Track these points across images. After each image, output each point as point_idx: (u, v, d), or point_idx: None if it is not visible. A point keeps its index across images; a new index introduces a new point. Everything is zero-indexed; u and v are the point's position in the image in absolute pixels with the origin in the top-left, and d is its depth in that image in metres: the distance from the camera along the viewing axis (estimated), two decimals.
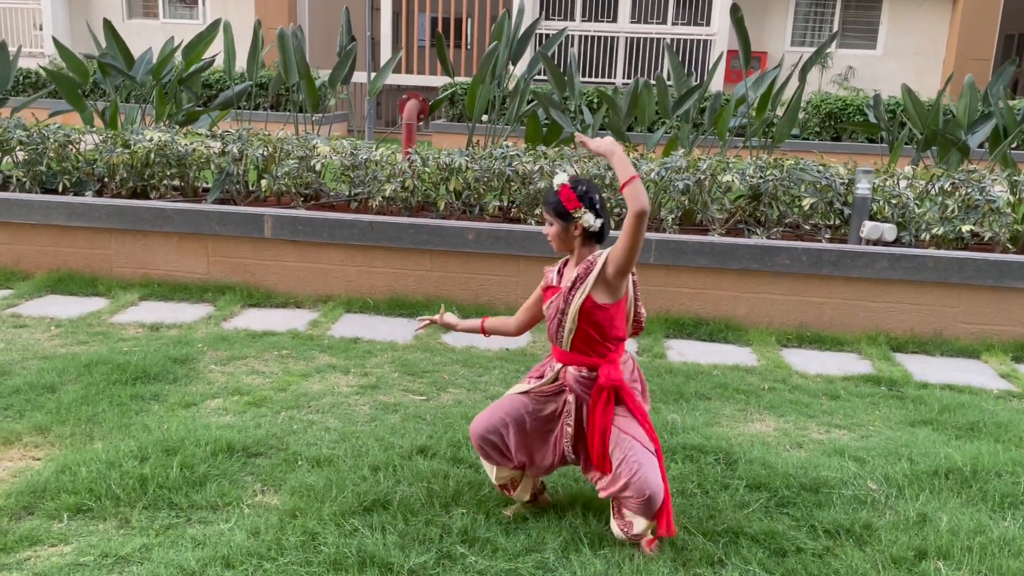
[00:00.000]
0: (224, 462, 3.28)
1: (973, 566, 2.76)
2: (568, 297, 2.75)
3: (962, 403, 4.31)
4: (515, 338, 5.18)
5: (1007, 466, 3.44)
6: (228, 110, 8.01)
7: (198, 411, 3.85)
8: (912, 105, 6.79)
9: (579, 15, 17.89)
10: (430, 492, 3.09)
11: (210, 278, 5.84)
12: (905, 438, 3.83)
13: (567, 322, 2.75)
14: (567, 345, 2.79)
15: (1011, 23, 19.80)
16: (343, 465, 3.29)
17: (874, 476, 3.38)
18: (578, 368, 2.81)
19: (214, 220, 5.74)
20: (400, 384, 4.33)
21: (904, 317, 5.39)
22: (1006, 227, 5.52)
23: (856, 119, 13.42)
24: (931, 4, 17.94)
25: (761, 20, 18.06)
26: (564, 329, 2.77)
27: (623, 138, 7.42)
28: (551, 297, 2.83)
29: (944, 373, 4.89)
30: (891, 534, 2.94)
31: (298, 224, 5.67)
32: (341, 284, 5.74)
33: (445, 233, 5.56)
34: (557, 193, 2.74)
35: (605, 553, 2.76)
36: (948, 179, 5.67)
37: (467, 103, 7.16)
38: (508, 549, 2.77)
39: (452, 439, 3.53)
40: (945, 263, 5.28)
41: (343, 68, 7.66)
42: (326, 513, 2.90)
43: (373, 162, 6.02)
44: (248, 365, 4.51)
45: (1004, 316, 5.33)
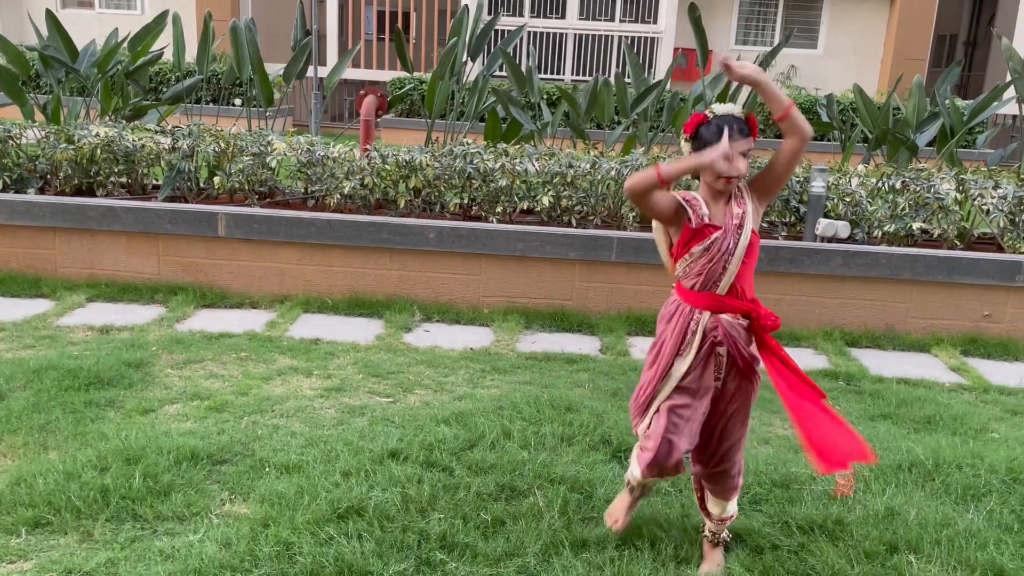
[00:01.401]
0: (189, 470, 3.18)
1: (943, 559, 2.82)
2: (737, 235, 2.54)
3: (918, 397, 4.42)
4: (479, 338, 5.15)
5: (967, 458, 3.53)
6: (177, 104, 7.78)
7: (157, 417, 3.72)
8: (863, 105, 6.94)
9: (528, 11, 17.88)
10: (405, 497, 3.04)
11: (161, 278, 5.66)
12: (867, 432, 3.90)
13: (733, 262, 2.55)
14: (726, 288, 2.58)
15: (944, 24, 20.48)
16: (313, 471, 3.21)
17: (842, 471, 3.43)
18: (733, 315, 2.60)
19: (165, 218, 5.56)
20: (365, 386, 4.26)
21: (858, 313, 5.51)
22: (954, 224, 5.68)
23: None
24: (870, 5, 18.41)
25: (706, 19, 18.25)
26: (728, 270, 2.55)
27: (582, 136, 7.43)
28: (709, 236, 2.54)
29: (898, 367, 5.01)
30: (862, 529, 2.99)
31: (253, 223, 5.53)
32: (299, 284, 5.63)
33: (406, 231, 5.49)
34: (745, 119, 2.53)
35: (587, 556, 2.75)
36: (898, 177, 5.81)
37: (426, 100, 7.08)
38: (488, 554, 2.74)
39: (424, 442, 3.48)
40: (897, 260, 5.41)
41: (298, 62, 7.51)
42: (299, 521, 2.83)
43: (331, 159, 5.90)
44: (206, 368, 4.38)
45: (953, 311, 5.49)
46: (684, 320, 2.62)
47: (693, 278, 2.60)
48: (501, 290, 5.59)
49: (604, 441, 3.60)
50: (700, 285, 2.59)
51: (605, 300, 5.56)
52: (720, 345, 2.61)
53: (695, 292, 2.60)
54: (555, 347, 5.03)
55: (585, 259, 5.50)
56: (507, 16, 17.48)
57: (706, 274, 2.57)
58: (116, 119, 7.03)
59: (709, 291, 2.59)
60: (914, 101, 6.88)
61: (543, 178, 5.78)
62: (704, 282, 2.58)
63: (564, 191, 5.75)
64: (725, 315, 2.59)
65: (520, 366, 4.68)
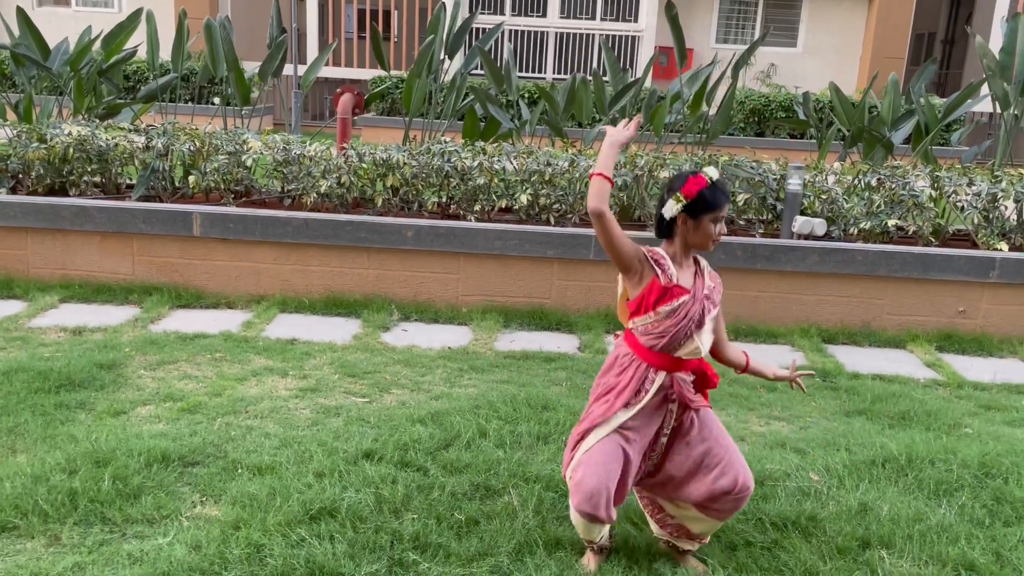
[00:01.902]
0: (159, 472, 3.14)
1: (915, 554, 2.84)
2: (703, 304, 2.56)
3: (893, 392, 4.45)
4: (457, 337, 5.13)
5: (939, 454, 3.55)
6: (152, 103, 7.70)
7: (128, 419, 3.68)
8: (839, 103, 6.98)
9: (509, 9, 17.86)
10: (378, 498, 3.01)
11: (135, 279, 5.60)
12: (842, 428, 3.93)
13: (704, 333, 2.57)
14: (686, 352, 2.57)
15: (922, 23, 20.65)
16: (286, 472, 3.18)
17: (815, 467, 3.45)
18: (686, 374, 2.62)
19: (139, 218, 5.50)
20: (341, 386, 4.23)
21: (834, 309, 5.54)
22: (928, 221, 5.72)
23: (779, 115, 13.76)
24: (848, 4, 18.53)
25: (687, 17, 18.33)
26: (692, 337, 2.55)
27: (560, 134, 7.42)
28: (677, 298, 2.53)
29: (874, 363, 5.04)
30: (835, 524, 3.00)
31: (229, 222, 5.49)
32: (275, 283, 5.58)
33: (383, 230, 5.46)
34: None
35: (560, 556, 2.74)
36: (874, 175, 5.85)
37: (403, 98, 7.05)
38: (461, 554, 2.73)
39: (398, 442, 3.46)
40: (873, 257, 5.45)
41: (274, 60, 7.45)
42: (271, 523, 2.80)
43: (307, 157, 5.86)
44: (180, 369, 4.34)
45: (928, 307, 5.53)
46: (639, 377, 2.58)
47: (655, 338, 2.55)
48: (480, 289, 5.57)
49: None
50: (662, 347, 2.56)
51: (584, 298, 5.56)
52: (672, 401, 2.62)
53: (654, 352, 2.57)
54: (533, 345, 5.02)
55: (564, 257, 5.50)
56: (488, 15, 17.46)
57: (670, 336, 2.54)
58: (89, 118, 6.95)
59: (668, 353, 2.57)
60: (889, 99, 6.92)
61: (521, 176, 5.77)
62: (667, 344, 2.55)
63: (542, 189, 5.74)
64: (680, 374, 2.60)
65: (498, 365, 4.67)
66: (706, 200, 2.50)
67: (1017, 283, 5.45)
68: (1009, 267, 5.44)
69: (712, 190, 2.51)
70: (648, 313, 2.55)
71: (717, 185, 2.52)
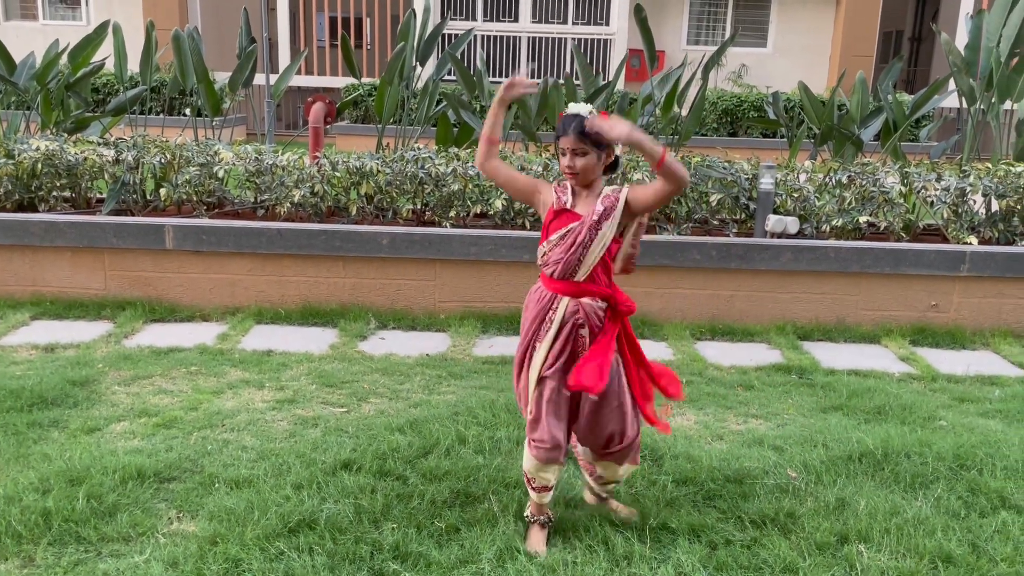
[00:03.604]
0: (135, 489, 3.10)
1: (892, 547, 2.86)
2: (594, 230, 2.65)
3: (868, 387, 4.49)
4: (436, 343, 5.12)
5: (915, 447, 3.59)
6: (121, 116, 7.63)
7: (103, 436, 3.63)
8: (809, 102, 7.05)
9: (480, 15, 17.89)
10: (358, 508, 3.00)
11: (108, 293, 5.54)
12: (818, 424, 3.96)
13: (590, 255, 2.66)
14: (583, 276, 2.69)
15: (890, 21, 20.92)
16: (264, 485, 3.15)
17: (793, 464, 3.48)
18: (593, 299, 2.72)
19: (110, 232, 5.44)
20: (318, 396, 4.21)
21: (809, 306, 5.59)
22: (899, 217, 5.79)
23: (751, 115, 13.88)
24: (816, 4, 18.73)
25: (658, 20, 18.46)
26: (585, 261, 2.67)
27: (533, 138, 7.44)
28: (567, 224, 2.68)
29: (849, 359, 5.09)
30: (813, 521, 3.02)
31: (202, 234, 5.44)
32: (250, 295, 5.54)
33: (358, 238, 5.44)
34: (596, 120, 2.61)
35: (541, 560, 2.74)
36: (844, 172, 5.91)
37: (375, 105, 7.03)
38: (442, 562, 2.72)
39: (377, 451, 3.44)
40: (845, 253, 5.50)
41: (244, 70, 7.41)
42: (249, 537, 2.77)
43: (280, 167, 5.83)
44: (154, 384, 4.29)
45: (901, 302, 5.59)
46: (544, 306, 2.74)
47: (552, 266, 2.71)
48: (457, 295, 5.56)
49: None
50: (558, 273, 2.70)
51: None
52: (583, 327, 2.71)
53: (554, 279, 2.72)
54: (512, 350, 5.01)
55: None
56: (460, 20, 17.47)
57: (563, 263, 2.68)
58: (57, 132, 6.87)
59: (567, 279, 2.70)
60: (857, 97, 7.01)
61: None
62: (563, 271, 2.69)
63: None
64: (585, 299, 2.71)
65: (477, 371, 4.66)
66: (555, 130, 2.74)
67: (987, 276, 5.52)
68: (979, 260, 5.51)
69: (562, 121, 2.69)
70: (545, 242, 2.74)
71: (564, 117, 2.69)
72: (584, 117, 2.64)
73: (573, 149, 2.65)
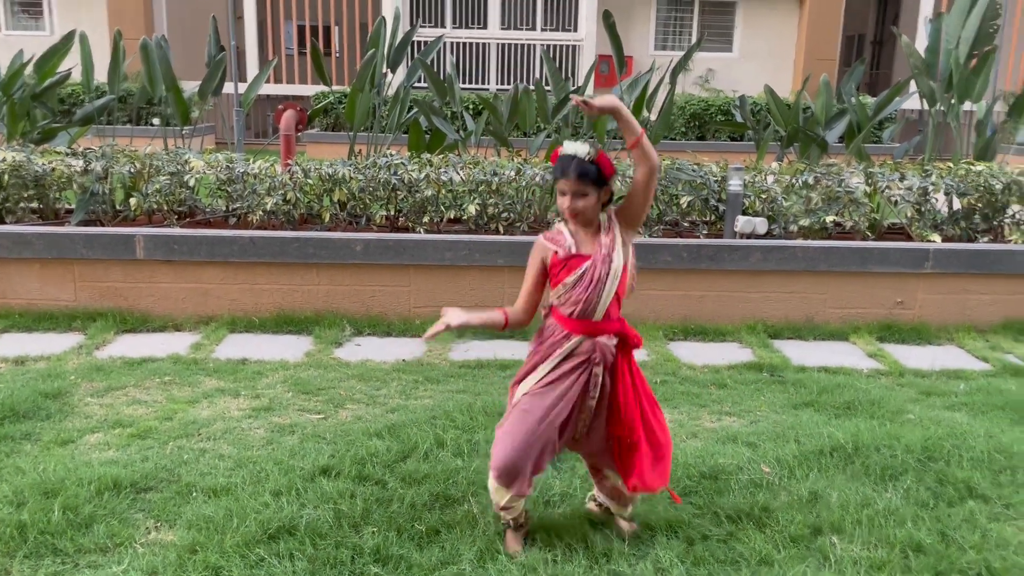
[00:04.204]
0: (111, 500, 3.08)
1: (864, 538, 2.93)
2: (607, 264, 2.65)
3: (838, 384, 4.58)
4: (412, 349, 5.13)
5: (884, 440, 3.67)
6: (88, 126, 7.55)
7: (77, 448, 3.60)
8: (775, 105, 7.17)
9: (449, 22, 17.93)
10: (337, 513, 3.00)
11: (78, 305, 5.48)
12: (790, 421, 4.03)
13: (607, 291, 2.66)
14: (600, 315, 2.68)
15: (852, 25, 21.30)
16: (242, 493, 3.15)
17: (766, 460, 3.54)
18: (608, 337, 2.72)
19: (80, 243, 5.39)
20: (295, 404, 4.20)
21: (778, 305, 5.68)
22: (864, 216, 5.91)
23: (718, 119, 14.05)
24: (780, 8, 19.02)
25: (625, 26, 18.62)
26: (603, 298, 2.66)
27: (505, 143, 7.48)
28: (580, 266, 2.66)
29: (819, 356, 5.18)
30: (787, 514, 3.08)
31: (173, 243, 5.41)
32: (223, 304, 5.51)
33: (332, 245, 5.43)
34: (595, 161, 2.63)
35: (522, 559, 2.76)
36: (811, 173, 6.02)
37: (347, 112, 7.03)
38: (423, 564, 2.73)
39: (355, 456, 3.45)
40: (813, 252, 5.60)
41: (213, 79, 7.37)
42: (228, 545, 2.77)
43: (251, 175, 5.81)
44: (128, 395, 4.26)
45: (868, 299, 5.70)
46: (557, 341, 2.72)
47: (571, 306, 2.68)
48: (432, 300, 5.58)
49: None
50: (579, 313, 2.68)
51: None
52: (598, 365, 2.71)
53: (573, 319, 2.69)
54: (488, 354, 5.04)
55: (514, 265, 5.53)
56: (429, 27, 17.49)
57: (583, 302, 2.66)
58: (24, 143, 6.78)
59: (586, 319, 2.68)
60: (822, 99, 7.14)
61: (469, 187, 5.80)
62: (583, 310, 2.67)
63: (490, 199, 5.79)
64: (601, 338, 2.70)
65: (453, 375, 4.68)
66: (553, 172, 2.77)
67: (950, 272, 5.65)
68: (942, 257, 5.64)
69: (558, 162, 2.67)
70: (559, 285, 2.70)
71: (559, 160, 2.67)
72: (587, 157, 2.63)
73: (574, 192, 2.62)
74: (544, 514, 3.06)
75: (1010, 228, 5.99)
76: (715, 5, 19.10)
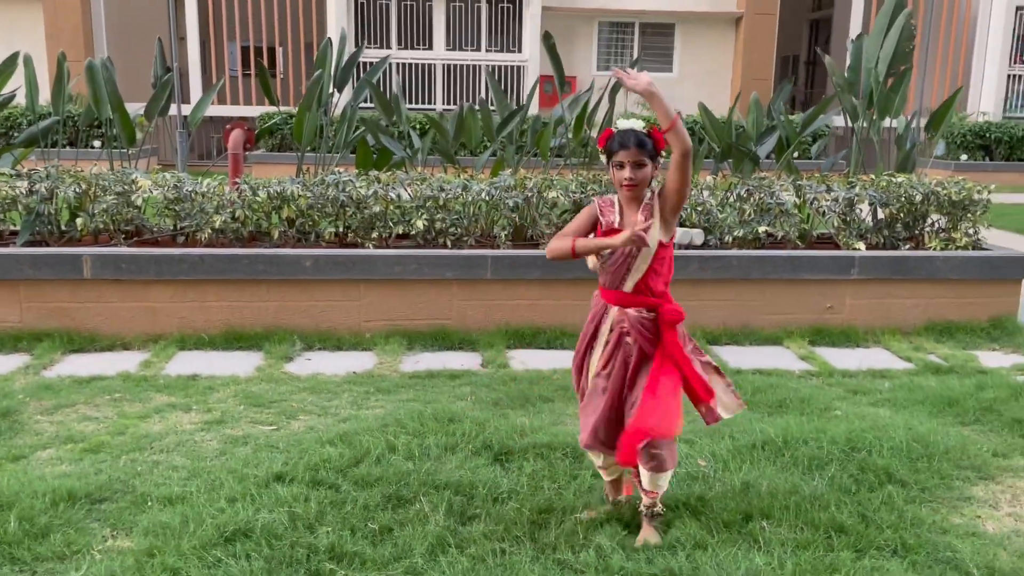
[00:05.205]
0: (66, 511, 3.13)
1: (791, 522, 3.14)
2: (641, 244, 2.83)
3: (771, 384, 4.81)
4: (362, 362, 5.23)
5: (812, 434, 3.90)
6: (32, 147, 7.50)
7: (29, 463, 3.63)
8: (708, 121, 7.49)
9: (395, 43, 18.11)
10: (292, 516, 3.10)
11: (24, 326, 5.45)
12: (725, 419, 4.23)
13: (637, 263, 2.86)
14: (630, 287, 2.89)
15: (788, 46, 22.08)
16: (197, 500, 3.22)
17: (702, 454, 3.74)
18: (638, 309, 2.91)
19: (25, 263, 5.38)
20: (247, 416, 4.27)
21: (716, 313, 5.93)
22: (794, 226, 6.21)
23: None
24: (717, 31, 19.65)
25: (569, 47, 19.04)
26: (633, 271, 2.87)
27: (452, 161, 7.65)
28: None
29: (754, 360, 5.43)
30: (721, 502, 3.27)
31: (121, 262, 5.43)
32: (173, 322, 5.55)
33: (281, 262, 5.52)
34: (649, 134, 2.82)
35: (472, 552, 2.90)
36: (743, 187, 6.31)
37: (294, 131, 7.13)
38: (377, 559, 2.85)
39: (309, 463, 3.54)
40: (747, 261, 5.87)
41: (160, 99, 7.40)
42: (185, 548, 2.85)
43: (199, 194, 5.86)
44: (78, 412, 4.28)
45: (800, 305, 5.98)
46: (599, 311, 3.01)
47: (604, 275, 2.97)
48: (382, 314, 5.69)
49: (486, 447, 3.76)
50: (608, 283, 2.95)
51: (484, 317, 5.76)
52: (627, 335, 2.92)
53: (605, 289, 2.98)
54: (438, 364, 5.17)
55: (462, 278, 5.69)
56: (375, 49, 17.63)
57: (612, 274, 2.91)
58: None
59: (616, 289, 2.93)
60: (752, 116, 7.49)
61: (417, 203, 5.94)
62: (612, 280, 2.93)
63: (438, 214, 5.93)
64: (631, 309, 2.91)
65: (404, 385, 4.80)
66: (609, 147, 2.89)
67: (875, 278, 5.98)
68: (867, 264, 5.96)
69: (611, 138, 2.87)
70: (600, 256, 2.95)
71: (617, 133, 2.87)
72: (643, 130, 2.85)
73: (633, 162, 2.83)
74: (492, 510, 3.20)
75: (929, 236, 6.35)
76: (655, 27, 19.66)
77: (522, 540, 2.99)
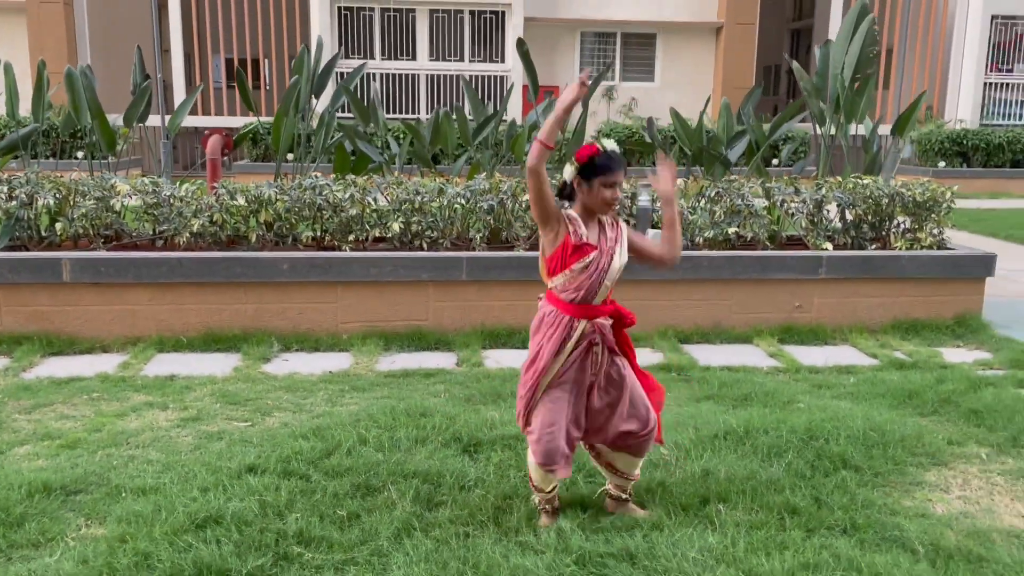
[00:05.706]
0: (42, 502, 3.21)
1: (746, 505, 3.25)
2: (610, 256, 2.95)
3: (738, 379, 4.94)
4: (338, 362, 5.31)
5: (773, 424, 4.01)
6: (11, 154, 7.56)
7: (6, 459, 3.70)
8: (680, 127, 7.64)
9: (379, 53, 18.25)
10: (263, 504, 3.18)
11: (3, 329, 5.51)
12: (691, 411, 4.36)
13: (607, 279, 2.96)
14: (600, 299, 2.98)
15: (769, 56, 22.36)
16: (170, 491, 3.30)
17: (666, 444, 3.84)
18: (605, 318, 3.01)
19: (5, 267, 5.45)
20: (223, 414, 4.35)
21: (688, 312, 6.05)
22: (764, 228, 6.35)
23: (639, 145, 14.66)
24: (698, 41, 19.89)
25: (551, 56, 19.25)
26: (603, 285, 2.95)
27: (428, 165, 7.75)
28: (587, 254, 2.91)
29: (724, 357, 5.55)
30: (681, 488, 3.38)
31: (100, 266, 5.50)
32: (151, 324, 5.62)
33: (259, 265, 5.60)
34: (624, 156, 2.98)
35: (436, 534, 2.99)
36: (714, 189, 6.44)
37: (272, 137, 7.23)
38: (343, 543, 2.94)
39: (281, 455, 3.62)
40: (718, 262, 6.00)
41: (139, 106, 7.48)
42: (157, 534, 2.93)
43: (178, 198, 5.94)
44: (56, 411, 4.35)
45: (769, 304, 6.12)
46: (563, 329, 2.96)
47: (572, 292, 2.95)
48: (359, 316, 5.78)
49: (456, 439, 3.85)
50: (580, 299, 2.95)
51: (460, 317, 5.86)
52: (597, 345, 3.00)
53: (574, 304, 2.96)
54: (413, 364, 5.26)
55: (438, 280, 5.79)
56: (358, 58, 17.76)
57: (586, 289, 2.93)
58: None
59: (587, 303, 2.96)
60: (722, 121, 7.64)
61: (393, 206, 6.04)
62: (584, 296, 2.94)
63: (414, 217, 6.03)
64: (600, 319, 3.00)
65: (379, 383, 4.89)
66: (596, 165, 2.90)
67: (842, 278, 6.12)
68: (835, 264, 6.10)
69: (603, 156, 2.93)
70: (565, 271, 2.94)
71: (608, 153, 2.94)
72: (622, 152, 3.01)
73: (619, 183, 2.92)
74: (459, 497, 3.29)
75: (895, 236, 6.51)
76: (636, 37, 19.89)
77: (486, 524, 3.09)
